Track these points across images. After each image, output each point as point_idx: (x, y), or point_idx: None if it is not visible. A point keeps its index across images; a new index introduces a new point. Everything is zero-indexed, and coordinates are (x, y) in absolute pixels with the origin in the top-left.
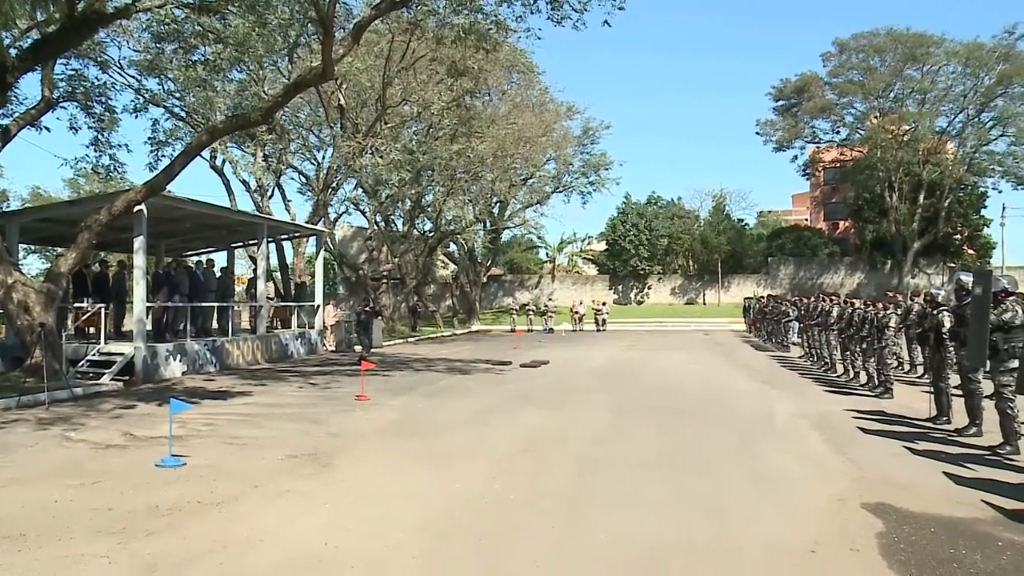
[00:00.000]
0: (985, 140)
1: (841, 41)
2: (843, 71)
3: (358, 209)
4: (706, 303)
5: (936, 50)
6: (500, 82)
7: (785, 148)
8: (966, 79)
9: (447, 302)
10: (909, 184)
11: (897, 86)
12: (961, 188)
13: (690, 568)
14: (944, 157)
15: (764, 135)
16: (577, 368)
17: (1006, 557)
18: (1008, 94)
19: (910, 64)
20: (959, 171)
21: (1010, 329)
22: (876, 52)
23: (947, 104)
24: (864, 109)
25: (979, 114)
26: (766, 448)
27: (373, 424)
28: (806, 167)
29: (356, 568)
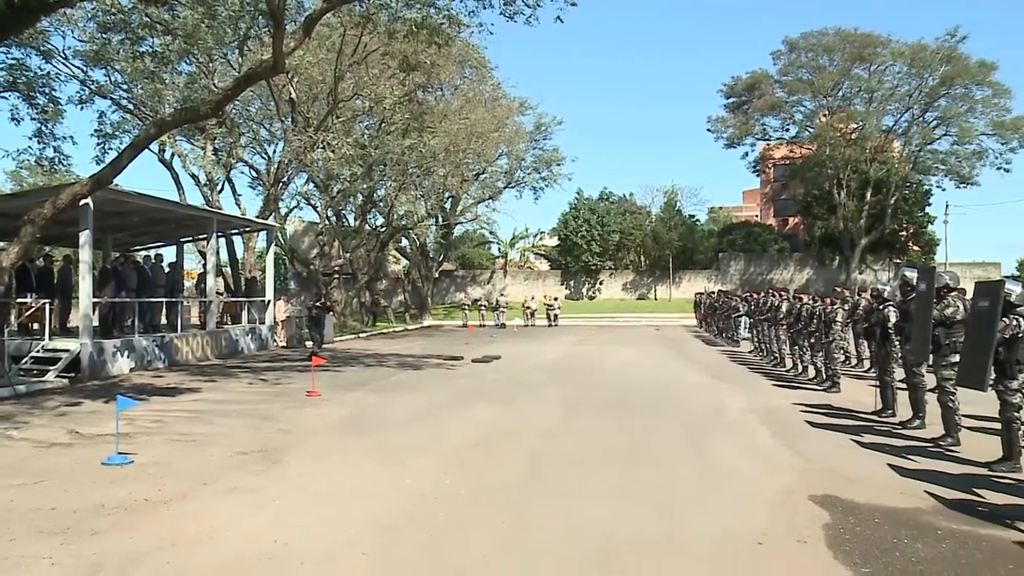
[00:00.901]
0: (929, 139)
1: (791, 40)
2: (793, 70)
3: (309, 204)
4: (657, 298)
5: (883, 50)
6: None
7: (736, 145)
8: (911, 79)
9: (399, 297)
10: (857, 181)
11: (845, 85)
12: (907, 186)
13: (639, 561)
14: (890, 155)
15: (715, 132)
16: (529, 363)
17: (945, 545)
18: (951, 95)
19: (858, 64)
20: (905, 169)
21: (952, 324)
22: (825, 51)
23: (893, 103)
24: (813, 107)
25: (923, 114)
26: (716, 442)
27: (324, 420)
28: (756, 164)
29: (306, 565)
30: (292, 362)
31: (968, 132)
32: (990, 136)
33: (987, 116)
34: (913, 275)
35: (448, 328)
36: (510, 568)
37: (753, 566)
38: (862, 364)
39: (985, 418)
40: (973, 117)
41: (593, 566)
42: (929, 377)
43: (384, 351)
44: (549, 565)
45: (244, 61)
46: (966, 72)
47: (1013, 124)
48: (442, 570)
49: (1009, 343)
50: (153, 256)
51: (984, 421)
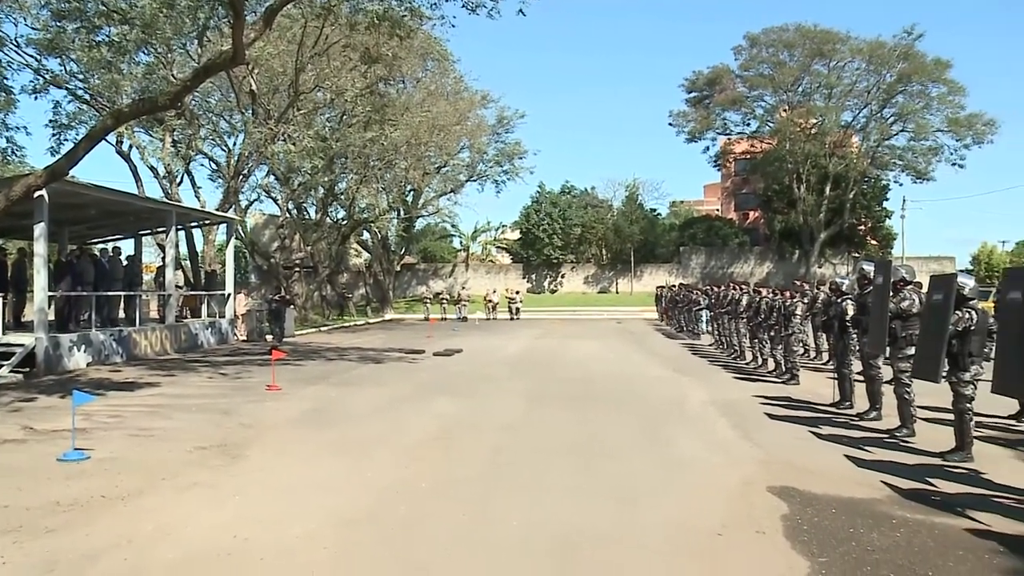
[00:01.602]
0: (887, 135)
1: (752, 35)
2: (754, 65)
3: (270, 197)
4: (619, 292)
5: (842, 47)
6: (414, 70)
7: (697, 139)
8: (869, 76)
9: (360, 291)
10: (816, 176)
11: (805, 80)
12: (865, 181)
13: (599, 553)
14: (849, 151)
15: (677, 126)
16: (490, 356)
17: (899, 534)
18: (908, 91)
19: (817, 59)
20: (863, 164)
21: (908, 317)
22: (785, 47)
23: (852, 99)
24: (774, 102)
25: (881, 110)
26: (676, 434)
27: (284, 414)
28: (717, 158)
29: (266, 560)
30: (252, 356)
31: (924, 128)
32: (945, 132)
33: (942, 113)
34: (870, 269)
35: (410, 322)
36: (470, 561)
37: (712, 557)
38: (821, 357)
39: (939, 409)
40: (929, 113)
41: (553, 558)
42: (886, 369)
43: (345, 345)
44: (509, 557)
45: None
46: (922, 69)
47: (967, 121)
48: (403, 563)
49: (962, 335)
50: (111, 249)
51: (938, 412)
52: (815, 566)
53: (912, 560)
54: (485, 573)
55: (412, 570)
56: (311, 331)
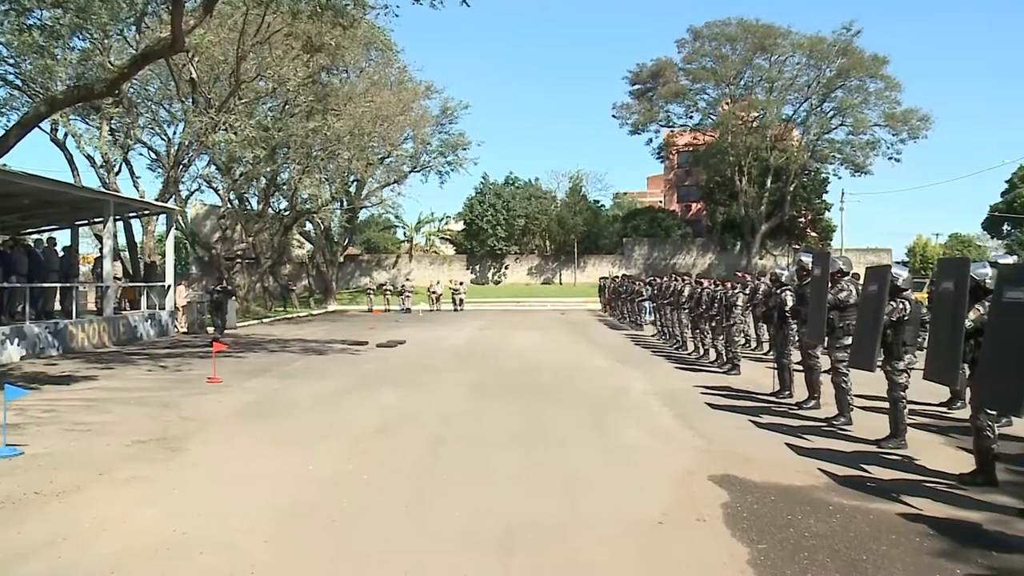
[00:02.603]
0: (826, 129)
1: (695, 29)
2: (696, 58)
3: (211, 187)
4: (562, 283)
5: (783, 42)
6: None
7: (640, 131)
8: (810, 70)
9: (303, 282)
10: (757, 169)
11: (747, 74)
12: (805, 174)
13: (541, 543)
14: (790, 144)
15: (620, 118)
16: (434, 348)
17: (836, 519)
18: (846, 86)
19: (759, 54)
20: (803, 157)
21: (845, 308)
22: (728, 41)
23: (793, 93)
24: (716, 95)
25: (821, 104)
26: (618, 424)
27: (225, 407)
28: (660, 150)
29: (205, 554)
30: (193, 348)
31: (862, 123)
32: (882, 127)
33: (879, 108)
34: (808, 260)
35: (353, 313)
36: (412, 552)
37: (654, 545)
38: (761, 347)
39: (875, 397)
40: (867, 108)
41: (496, 548)
42: (824, 359)
43: (288, 336)
44: (452, 548)
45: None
46: (860, 65)
47: (903, 116)
48: (344, 556)
49: (896, 325)
50: (45, 240)
51: (874, 400)
52: (754, 552)
53: (848, 545)
54: (427, 564)
55: (353, 562)
56: (253, 323)
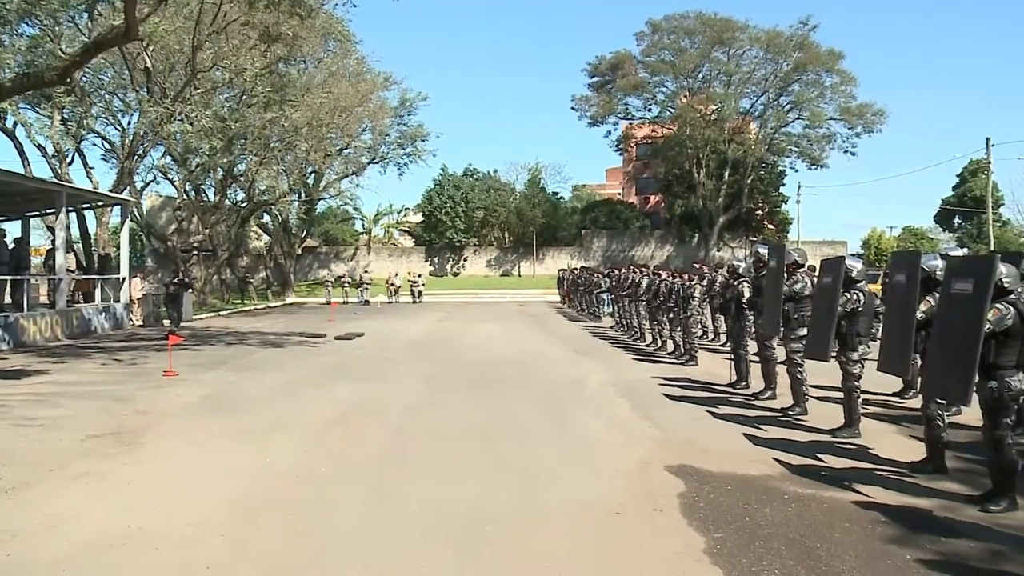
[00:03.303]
0: (783, 122)
1: (654, 22)
2: (655, 51)
3: (167, 178)
4: (521, 275)
5: (741, 35)
6: (316, 50)
7: (599, 124)
8: (767, 64)
9: (261, 274)
10: (715, 161)
11: (705, 67)
12: (762, 166)
13: (499, 533)
14: (747, 137)
15: (579, 110)
16: (392, 340)
17: (791, 508)
18: (803, 80)
19: (717, 47)
20: (760, 150)
21: (800, 299)
22: (686, 34)
23: (750, 87)
24: (674, 88)
25: (778, 97)
26: (576, 415)
27: (182, 400)
28: (619, 143)
29: (160, 549)
30: (149, 341)
31: (818, 116)
32: (838, 121)
33: (835, 102)
34: (764, 252)
35: (311, 305)
36: (371, 544)
37: (611, 535)
38: (718, 338)
39: (829, 388)
40: (823, 102)
41: (454, 540)
42: (780, 350)
43: (245, 329)
44: (410, 540)
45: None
46: (817, 59)
47: (858, 110)
48: (301, 549)
49: (850, 316)
50: None
51: (828, 391)
52: (710, 541)
53: (802, 533)
54: (384, 556)
55: (310, 555)
56: (210, 315)
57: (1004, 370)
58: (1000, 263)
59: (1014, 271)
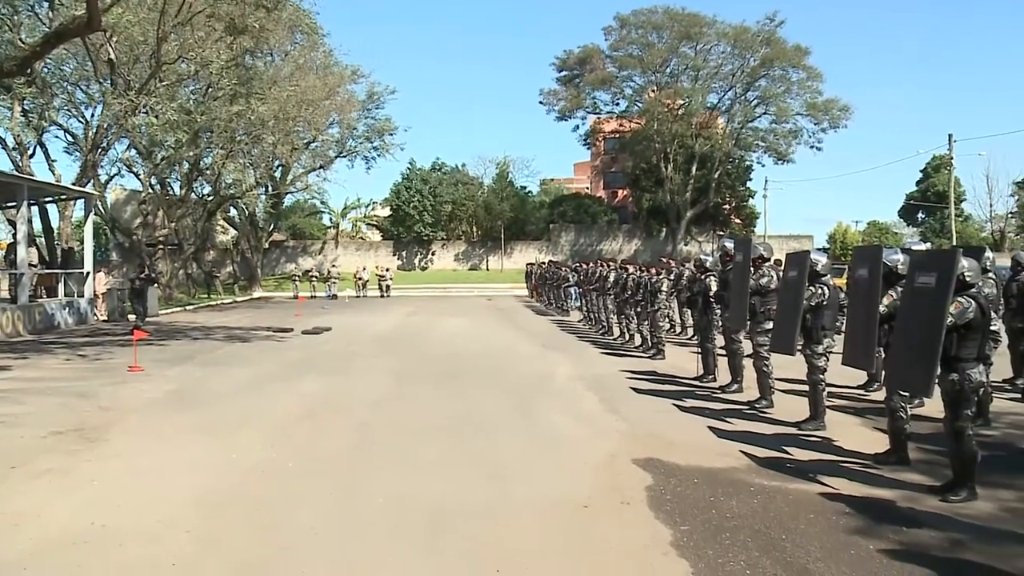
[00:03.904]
0: (750, 117)
1: (622, 16)
2: (623, 45)
3: (131, 171)
4: (489, 269)
5: (708, 30)
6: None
7: (567, 118)
8: (734, 59)
9: (228, 268)
10: (683, 156)
11: (673, 62)
12: (729, 161)
13: (466, 528)
14: (715, 131)
15: (547, 105)
16: (360, 334)
17: (757, 500)
18: (770, 76)
19: (685, 42)
20: (728, 145)
21: (766, 293)
22: (654, 28)
23: (718, 82)
24: (642, 83)
25: (745, 93)
26: (544, 409)
27: (147, 396)
28: (587, 137)
29: (125, 546)
30: (113, 336)
31: (785, 112)
32: (804, 116)
33: (802, 97)
34: (731, 246)
35: (278, 300)
36: (337, 539)
37: (578, 528)
38: (686, 332)
39: (795, 381)
40: (789, 98)
41: (421, 534)
42: (747, 343)
43: (211, 324)
44: (377, 534)
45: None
46: (783, 55)
47: (824, 106)
48: (268, 544)
49: (815, 310)
50: None
51: (794, 384)
52: (677, 534)
53: (768, 525)
54: (351, 551)
55: (276, 550)
56: (176, 310)
57: (965, 362)
58: (962, 257)
59: (975, 265)
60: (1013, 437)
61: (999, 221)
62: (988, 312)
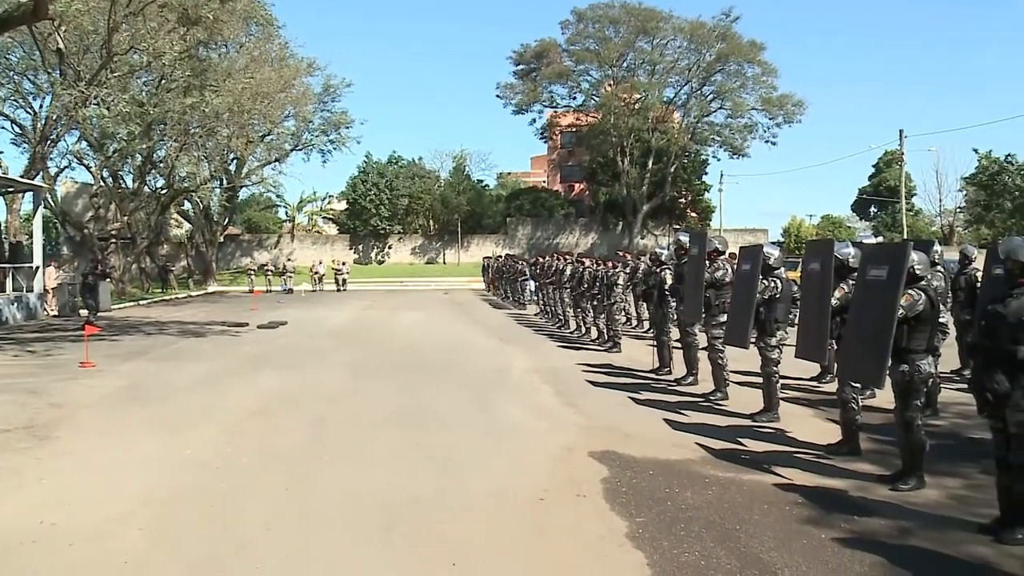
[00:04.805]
0: (706, 112)
1: (579, 10)
2: (580, 39)
3: (82, 164)
4: (446, 262)
5: (664, 25)
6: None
7: (524, 111)
8: (690, 54)
9: (182, 263)
10: (639, 150)
11: (630, 56)
12: (685, 155)
13: (421, 521)
14: (671, 126)
15: (504, 98)
16: (316, 328)
17: (712, 491)
18: (725, 71)
19: (641, 36)
20: (684, 139)
21: (721, 286)
22: (611, 23)
23: (674, 76)
24: (599, 77)
25: (701, 87)
26: (500, 402)
27: (99, 392)
28: (544, 131)
29: (75, 545)
30: (64, 332)
31: (740, 107)
32: (759, 111)
33: (757, 92)
34: (686, 239)
35: (234, 294)
36: (292, 534)
37: (534, 521)
38: (642, 325)
39: (749, 373)
40: (745, 93)
41: (376, 528)
42: (702, 336)
43: (165, 318)
44: (331, 528)
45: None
46: (739, 50)
47: (779, 101)
48: (222, 540)
49: (768, 303)
50: None
51: (748, 376)
52: (633, 526)
53: (722, 515)
54: (305, 546)
55: (231, 547)
56: (129, 305)
57: (915, 354)
58: (912, 251)
59: (925, 258)
60: (960, 426)
61: (948, 216)
62: (937, 304)
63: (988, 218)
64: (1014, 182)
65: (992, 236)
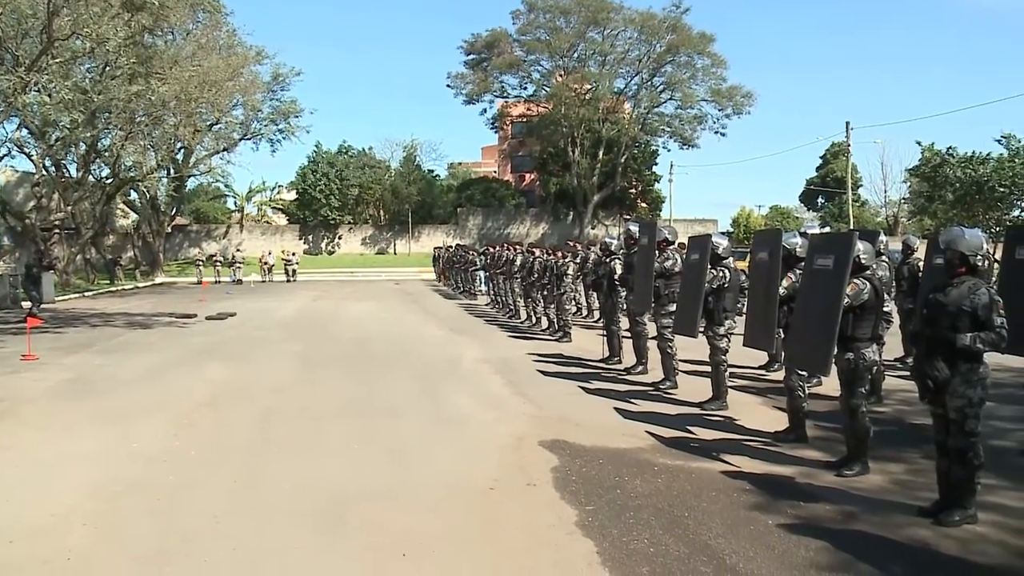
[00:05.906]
0: (656, 103)
1: (530, 1)
2: (531, 29)
3: (23, 152)
4: (397, 253)
5: (615, 16)
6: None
7: (475, 101)
8: (641, 45)
9: (129, 253)
10: (590, 140)
11: (580, 47)
12: (636, 146)
13: (370, 511)
14: (621, 116)
15: (455, 88)
16: (265, 319)
17: (661, 480)
18: (675, 62)
19: (592, 27)
20: (634, 130)
21: (670, 276)
22: (562, 13)
23: (624, 67)
24: (550, 67)
25: (652, 78)
26: (450, 392)
27: (42, 385)
28: (495, 121)
29: (16, 543)
30: (5, 324)
31: (690, 98)
32: (709, 102)
33: (707, 84)
34: (636, 229)
35: (182, 285)
36: (240, 526)
37: (484, 510)
38: (592, 314)
39: (698, 362)
40: (695, 84)
41: (325, 518)
42: (651, 326)
43: (112, 310)
44: (280, 520)
45: None
46: (688, 41)
47: (728, 92)
48: (169, 534)
49: (716, 292)
50: None
51: (697, 365)
52: (582, 514)
53: (671, 503)
54: (254, 538)
55: (178, 541)
56: (74, 296)
57: (860, 342)
58: (858, 240)
59: (870, 248)
60: (903, 413)
61: (893, 206)
62: (882, 294)
63: (931, 209)
64: (955, 174)
65: (934, 227)
